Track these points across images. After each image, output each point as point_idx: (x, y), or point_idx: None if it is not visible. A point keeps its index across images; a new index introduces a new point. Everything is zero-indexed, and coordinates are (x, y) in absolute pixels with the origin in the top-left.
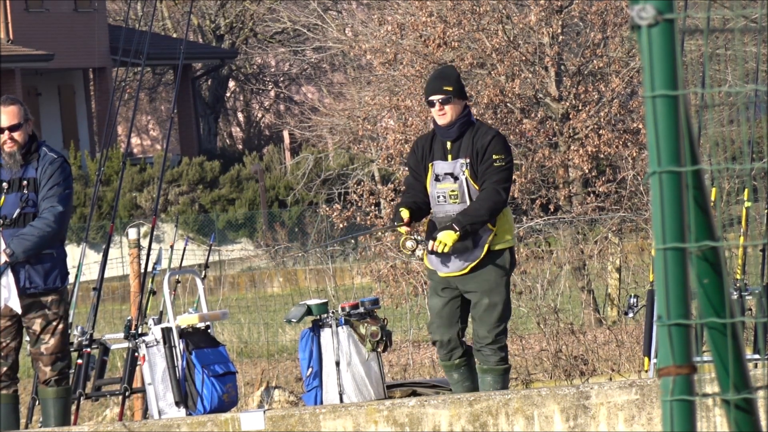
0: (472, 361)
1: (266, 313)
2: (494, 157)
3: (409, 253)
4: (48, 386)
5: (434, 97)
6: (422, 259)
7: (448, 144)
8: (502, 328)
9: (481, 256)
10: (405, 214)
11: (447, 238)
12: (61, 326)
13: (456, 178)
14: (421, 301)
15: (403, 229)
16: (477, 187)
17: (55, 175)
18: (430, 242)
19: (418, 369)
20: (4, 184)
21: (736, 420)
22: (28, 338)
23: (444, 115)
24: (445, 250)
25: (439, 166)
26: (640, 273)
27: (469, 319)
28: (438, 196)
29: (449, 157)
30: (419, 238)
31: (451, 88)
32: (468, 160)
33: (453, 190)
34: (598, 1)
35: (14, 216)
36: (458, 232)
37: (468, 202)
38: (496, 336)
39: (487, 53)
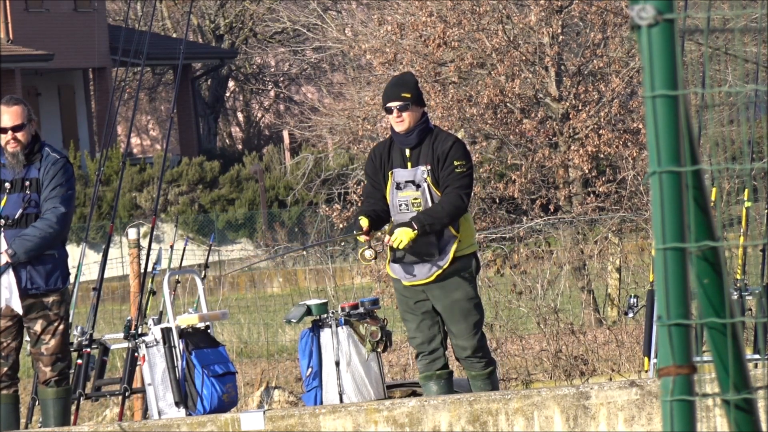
0: (451, 378)
1: (266, 313)
2: (455, 163)
3: (368, 262)
4: (48, 386)
5: (392, 104)
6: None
7: (407, 151)
8: (480, 333)
9: (447, 262)
10: (364, 222)
11: (404, 234)
12: (61, 327)
13: (418, 186)
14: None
15: (362, 238)
16: (439, 194)
17: (57, 176)
18: (387, 236)
19: (417, 369)
20: (7, 185)
21: (736, 420)
22: (28, 338)
23: (402, 122)
24: (401, 246)
25: (399, 174)
26: (640, 273)
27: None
28: (400, 205)
29: (409, 164)
30: (378, 248)
31: (409, 95)
32: (429, 167)
33: (416, 198)
34: (598, 1)
35: (16, 216)
36: (416, 231)
37: None
38: (476, 343)
39: (487, 53)
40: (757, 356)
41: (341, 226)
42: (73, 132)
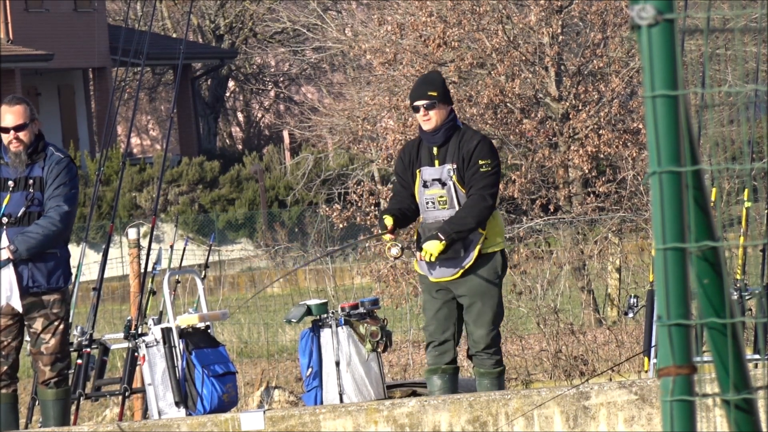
0: (457, 375)
1: (266, 313)
2: (480, 162)
3: (394, 259)
4: (47, 387)
5: (419, 103)
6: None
7: (435, 149)
8: (496, 331)
9: (472, 260)
10: (389, 221)
11: (433, 247)
12: (62, 327)
13: (444, 184)
14: (421, 301)
15: (387, 237)
16: (464, 192)
17: (61, 175)
18: (418, 252)
19: (418, 369)
20: (10, 183)
21: (736, 420)
22: (28, 338)
23: (429, 120)
24: (432, 259)
25: (427, 172)
26: (640, 273)
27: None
28: (427, 203)
29: (436, 162)
30: (403, 245)
31: (435, 93)
32: (455, 166)
33: (441, 196)
34: (598, 1)
35: (19, 214)
36: (444, 242)
37: (457, 207)
38: (491, 340)
39: (487, 53)
40: (757, 356)
41: (341, 226)
42: (73, 132)
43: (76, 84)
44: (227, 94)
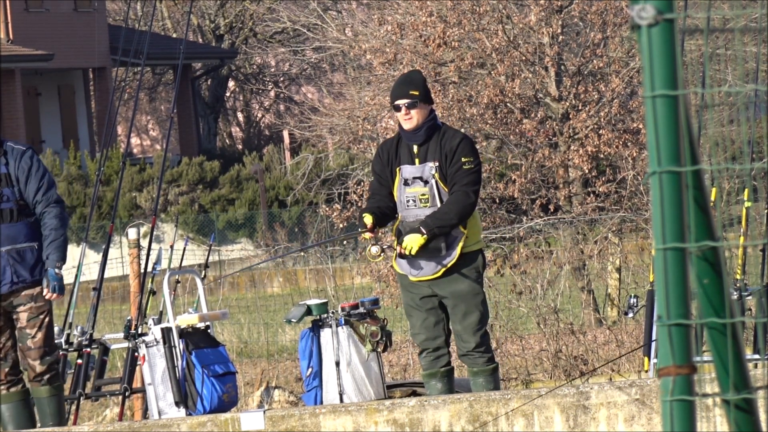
0: (453, 376)
1: (266, 313)
2: (463, 160)
3: (375, 259)
4: (40, 385)
5: (400, 102)
6: (392, 265)
7: (415, 148)
8: (483, 329)
9: (455, 259)
10: (368, 219)
11: (414, 241)
12: (47, 320)
13: (426, 182)
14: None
15: (367, 235)
16: (447, 190)
17: (33, 167)
18: (398, 247)
19: (418, 369)
20: None
21: (736, 420)
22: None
23: (410, 119)
24: (412, 252)
25: (407, 171)
26: (640, 273)
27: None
28: (407, 201)
29: (416, 161)
30: (384, 244)
31: (417, 93)
32: (437, 164)
33: (423, 194)
34: (598, 1)
35: None
36: (425, 236)
37: (438, 205)
38: (480, 338)
39: (487, 53)
40: (757, 356)
41: (341, 226)
42: (73, 132)
43: (76, 84)
44: (227, 94)
